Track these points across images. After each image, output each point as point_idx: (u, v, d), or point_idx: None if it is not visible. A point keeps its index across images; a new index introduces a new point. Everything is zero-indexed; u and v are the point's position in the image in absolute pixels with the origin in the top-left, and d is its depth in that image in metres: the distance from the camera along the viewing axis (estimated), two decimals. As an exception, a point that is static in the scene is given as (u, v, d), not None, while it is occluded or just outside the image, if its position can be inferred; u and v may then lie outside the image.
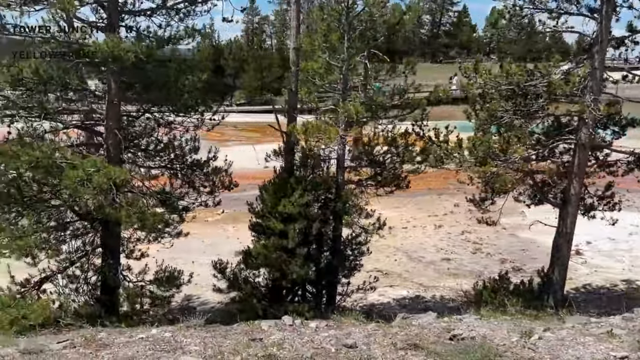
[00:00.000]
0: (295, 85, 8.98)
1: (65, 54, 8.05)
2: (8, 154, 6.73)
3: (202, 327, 7.14)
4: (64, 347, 6.18)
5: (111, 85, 7.99)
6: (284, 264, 8.36)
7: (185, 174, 8.75)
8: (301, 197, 8.30)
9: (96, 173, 7.03)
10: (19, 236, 7.06)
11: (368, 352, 5.88)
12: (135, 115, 8.59)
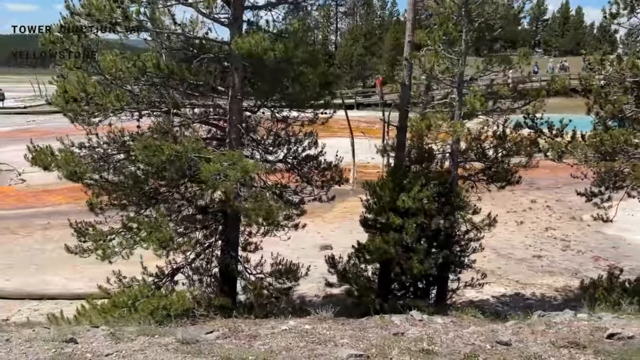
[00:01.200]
0: (409, 79, 8.90)
1: (187, 49, 8.19)
2: (152, 147, 6.86)
3: (333, 320, 7.18)
4: (217, 338, 6.28)
5: (235, 80, 8.06)
6: (402, 259, 8.33)
7: (300, 168, 8.78)
8: (420, 192, 8.24)
9: (231, 167, 7.11)
10: (156, 228, 7.20)
11: (526, 349, 5.78)
12: (252, 110, 8.65)
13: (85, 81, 6.87)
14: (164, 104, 7.90)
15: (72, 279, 12.08)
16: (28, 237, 14.70)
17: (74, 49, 7.58)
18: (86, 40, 7.56)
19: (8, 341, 5.44)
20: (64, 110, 7.23)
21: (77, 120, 7.32)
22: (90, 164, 7.70)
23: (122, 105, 7.27)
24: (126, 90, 7.38)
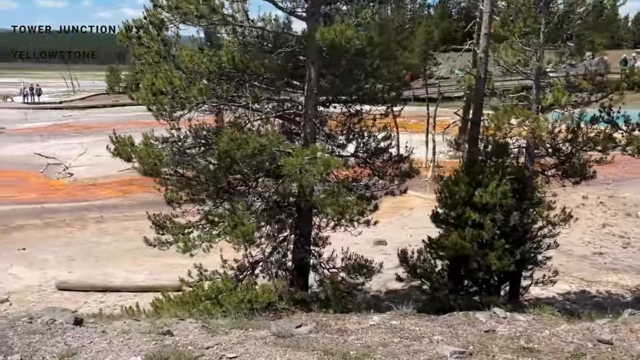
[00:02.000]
0: (484, 72, 8.74)
1: (262, 43, 8.17)
2: (238, 140, 6.85)
3: (416, 316, 7.11)
4: (309, 332, 6.25)
5: (311, 74, 8.00)
6: (479, 256, 8.20)
7: (372, 162, 8.71)
8: (497, 187, 8.10)
9: (313, 161, 7.06)
10: (240, 222, 7.20)
11: (631, 348, 5.64)
12: (325, 104, 8.60)
13: (172, 74, 6.88)
14: (243, 99, 7.90)
15: (133, 272, 12.23)
16: (84, 230, 14.91)
17: (153, 44, 7.62)
18: (166, 34, 7.60)
19: (104, 332, 5.48)
20: (148, 103, 7.25)
21: (159, 114, 7.34)
22: (170, 157, 7.72)
23: (203, 99, 7.27)
24: (206, 84, 7.38)
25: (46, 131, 31.40)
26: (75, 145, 27.28)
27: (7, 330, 5.33)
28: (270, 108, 8.07)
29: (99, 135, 30.19)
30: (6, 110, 41.22)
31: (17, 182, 19.89)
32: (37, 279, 11.70)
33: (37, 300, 10.73)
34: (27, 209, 16.69)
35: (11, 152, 25.34)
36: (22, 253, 13.10)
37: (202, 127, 7.90)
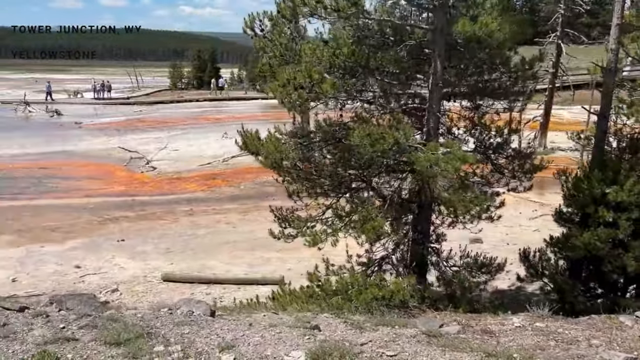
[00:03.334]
0: (614, 64, 8.33)
1: (383, 36, 8.03)
2: (374, 135, 6.75)
3: (553, 317, 6.85)
4: (458, 332, 6.10)
5: (437, 67, 7.81)
6: (612, 256, 7.83)
7: (495, 158, 8.45)
8: (635, 185, 7.69)
9: (447, 156, 6.89)
10: (370, 217, 7.12)
11: None
12: (447, 97, 8.39)
13: (310, 68, 6.85)
14: (365, 93, 7.81)
15: (232, 264, 12.39)
16: (175, 223, 15.23)
17: (281, 38, 7.63)
18: (296, 27, 7.60)
19: (251, 325, 5.47)
20: (282, 96, 7.24)
21: (293, 108, 7.33)
22: (296, 152, 7.72)
23: (334, 93, 7.22)
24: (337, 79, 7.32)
25: (121, 126, 32.40)
26: (151, 139, 28.01)
27: (153, 321, 5.39)
28: (395, 102, 7.95)
29: (173, 130, 31.03)
30: (77, 105, 42.78)
31: (104, 176, 20.57)
32: (140, 269, 12.01)
33: (145, 290, 11.00)
34: (118, 201, 17.21)
35: (92, 146, 26.28)
36: (121, 244, 13.49)
37: (328, 122, 7.85)
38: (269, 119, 37.57)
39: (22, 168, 21.50)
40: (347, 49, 7.62)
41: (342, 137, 7.72)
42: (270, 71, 7.89)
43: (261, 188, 19.00)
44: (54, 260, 12.40)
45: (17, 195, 17.62)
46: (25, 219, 15.22)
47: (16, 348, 4.52)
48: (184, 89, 62.05)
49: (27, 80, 74.20)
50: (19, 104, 39.79)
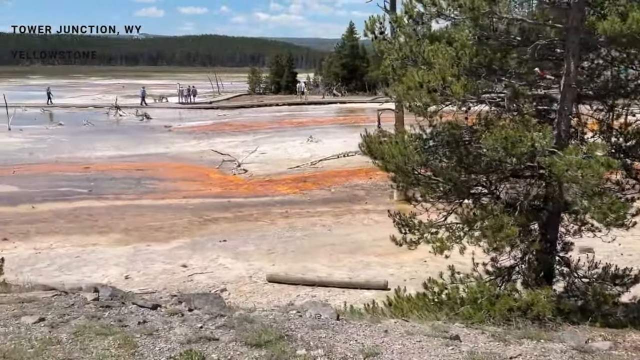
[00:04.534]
0: None
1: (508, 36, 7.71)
2: (512, 138, 6.47)
3: None
4: (610, 348, 5.72)
5: (570, 67, 7.41)
6: None
7: (631, 163, 7.92)
8: None
9: (586, 161, 6.49)
10: (501, 225, 6.84)
11: None
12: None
13: (444, 69, 6.68)
14: (494, 94, 7.53)
15: (333, 267, 12.37)
16: (273, 224, 15.42)
17: (408, 39, 7.49)
18: (422, 28, 7.45)
19: (387, 333, 5.33)
20: (410, 100, 7.09)
21: (420, 112, 7.17)
22: (419, 155, 7.55)
23: (465, 94, 7.00)
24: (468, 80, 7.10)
25: (209, 129, 33.40)
26: (238, 143, 28.68)
27: (286, 323, 5.36)
28: (527, 104, 7.61)
29: (258, 134, 31.66)
30: (164, 110, 44.50)
31: (198, 177, 21.21)
32: (245, 270, 12.21)
33: (251, 291, 11.16)
34: (215, 202, 17.66)
35: (183, 149, 27.23)
36: (223, 245, 13.79)
37: (454, 124, 7.63)
38: (349, 122, 37.71)
39: (120, 169, 22.55)
40: (470, 49, 7.39)
41: (468, 140, 7.49)
42: (393, 74, 7.77)
43: (352, 191, 18.98)
44: (161, 259, 12.83)
45: (119, 195, 18.47)
46: (129, 219, 15.90)
47: (162, 346, 4.62)
48: (262, 93, 63.40)
49: (115, 85, 78.24)
50: (110, 108, 41.92)
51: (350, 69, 64.66)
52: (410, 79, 6.97)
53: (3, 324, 4.96)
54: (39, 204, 17.23)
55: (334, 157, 23.97)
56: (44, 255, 12.98)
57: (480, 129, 7.30)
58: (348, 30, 67.34)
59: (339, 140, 28.54)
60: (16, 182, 20.16)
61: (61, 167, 23.01)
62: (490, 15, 6.93)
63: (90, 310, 5.50)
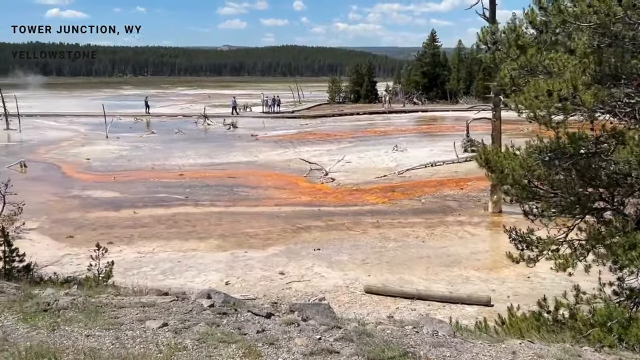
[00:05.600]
0: None
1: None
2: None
3: None
4: None
5: None
6: None
7: None
8: None
9: None
10: (635, 244, 6.39)
11: None
12: None
13: (576, 77, 6.37)
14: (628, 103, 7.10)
15: (431, 281, 12.10)
16: (365, 234, 15.34)
17: (524, 50, 7.22)
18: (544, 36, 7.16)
19: (515, 354, 5.05)
20: (535, 110, 6.80)
21: (546, 122, 6.86)
22: (540, 169, 7.22)
23: (594, 104, 6.63)
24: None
25: (294, 138, 33.93)
26: (323, 151, 28.91)
27: (404, 339, 5.19)
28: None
29: (342, 143, 31.79)
30: (248, 119, 45.65)
31: (288, 186, 21.53)
32: (341, 279, 12.19)
33: (349, 301, 11.10)
34: (306, 210, 17.82)
35: (271, 157, 27.77)
36: (318, 253, 13.85)
37: (579, 136, 7.25)
38: (433, 131, 37.12)
39: (213, 177, 23.29)
40: (594, 57, 7.01)
41: (592, 152, 7.09)
42: (512, 84, 7.50)
43: (443, 202, 18.59)
44: (258, 265, 13.06)
45: (214, 202, 19.05)
46: (225, 225, 16.34)
47: (285, 356, 4.60)
48: (342, 102, 63.76)
49: (201, 95, 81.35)
50: (199, 117, 43.52)
51: (431, 77, 63.89)
52: (536, 87, 6.69)
53: (129, 327, 5.15)
54: (140, 209, 18.08)
55: (421, 166, 23.63)
56: (148, 259, 13.55)
57: (609, 141, 6.89)
58: (429, 38, 66.61)
59: (425, 150, 28.16)
60: (117, 188, 21.27)
61: (157, 174, 24.08)
62: (621, 21, 6.56)
63: (208, 317, 5.62)
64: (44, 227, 16.27)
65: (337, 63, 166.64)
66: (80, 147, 31.44)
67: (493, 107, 16.51)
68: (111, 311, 5.65)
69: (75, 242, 14.76)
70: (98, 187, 21.49)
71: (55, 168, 25.62)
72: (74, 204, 18.99)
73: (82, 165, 26.11)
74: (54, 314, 5.46)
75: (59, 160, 27.39)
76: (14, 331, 4.94)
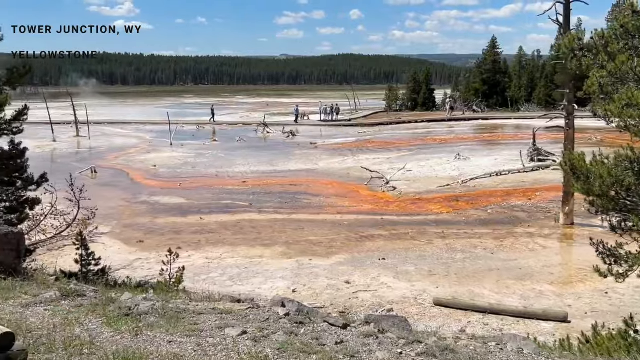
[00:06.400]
0: None
1: None
2: None
3: None
4: None
5: None
6: None
7: None
8: None
9: None
10: None
11: None
12: None
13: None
14: None
15: (502, 295, 11.71)
16: (430, 244, 15.06)
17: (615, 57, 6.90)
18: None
19: None
20: (628, 119, 6.49)
21: (632, 130, 6.54)
22: (629, 178, 6.87)
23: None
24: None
25: (353, 146, 33.90)
26: (382, 160, 28.72)
27: (488, 356, 5.00)
28: None
29: (401, 151, 31.49)
30: (307, 127, 45.95)
31: (349, 194, 21.47)
32: (408, 290, 11.98)
33: (418, 313, 10.89)
34: (369, 219, 17.70)
35: (330, 165, 27.81)
36: (383, 263, 13.70)
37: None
38: (495, 139, 36.23)
39: (275, 184, 23.52)
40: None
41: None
42: (600, 92, 7.19)
43: (511, 213, 18.05)
44: (324, 274, 13.03)
45: (277, 209, 19.20)
46: (290, 232, 16.43)
47: None
48: (399, 110, 63.36)
49: (260, 104, 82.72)
50: (258, 125, 44.18)
51: (491, 85, 62.62)
52: (628, 96, 6.38)
53: (210, 334, 5.19)
54: (206, 216, 18.44)
55: (486, 175, 23.06)
56: (216, 265, 13.77)
57: None
58: (490, 45, 65.36)
59: (488, 159, 27.51)
60: (183, 195, 21.80)
61: (221, 180, 24.55)
62: None
63: (285, 326, 5.60)
64: (115, 231, 16.85)
65: (393, 71, 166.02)
66: (147, 154, 32.48)
67: (566, 115, 15.91)
68: (190, 317, 5.73)
69: (145, 247, 15.19)
70: (165, 193, 22.09)
71: (124, 174, 26.55)
72: (142, 209, 19.59)
73: (149, 172, 26.95)
74: (136, 318, 5.59)
75: (126, 167, 28.38)
76: (99, 335, 5.07)
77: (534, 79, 62.66)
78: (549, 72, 57.67)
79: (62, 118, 47.32)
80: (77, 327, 5.21)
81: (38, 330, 5.00)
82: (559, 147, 26.58)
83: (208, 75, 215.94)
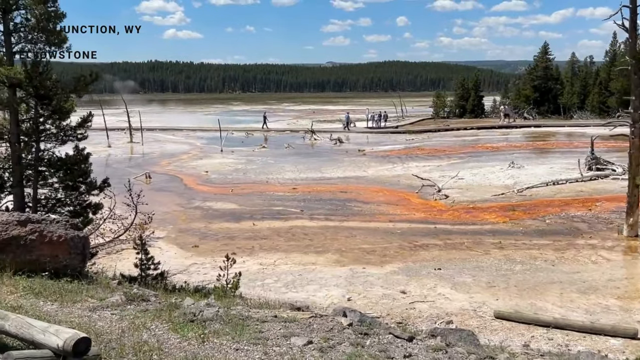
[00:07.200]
0: None
1: None
2: None
3: None
4: None
5: None
6: None
7: None
8: None
9: None
10: None
11: None
12: None
13: None
14: None
15: (566, 308, 11.25)
16: (487, 255, 14.66)
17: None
18: None
19: None
20: None
21: None
22: None
23: None
24: None
25: (401, 153, 33.61)
26: (432, 167, 28.33)
27: None
28: None
29: (451, 158, 31.00)
30: (354, 134, 45.96)
31: (400, 202, 21.21)
32: (467, 302, 11.66)
33: (479, 326, 10.55)
34: (422, 228, 17.41)
35: (380, 173, 27.61)
36: (438, 273, 13.40)
37: None
38: (549, 147, 35.24)
39: (325, 191, 23.49)
40: None
41: None
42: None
43: (570, 223, 17.42)
44: (379, 282, 12.85)
45: (329, 216, 19.14)
46: (341, 240, 16.32)
47: None
48: (446, 117, 62.58)
49: (306, 111, 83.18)
50: (305, 132, 44.42)
51: (543, 91, 61.11)
52: None
53: (276, 343, 5.13)
54: (258, 222, 18.54)
55: (543, 184, 22.38)
56: (270, 271, 13.78)
57: None
58: (541, 51, 63.85)
59: (543, 167, 26.77)
60: (235, 200, 22.02)
61: (272, 187, 24.70)
62: None
63: (350, 337, 5.50)
64: (171, 236, 17.14)
65: (440, 78, 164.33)
66: (198, 160, 33.07)
67: (632, 123, 15.24)
68: (255, 325, 5.70)
69: (200, 252, 15.38)
70: (218, 198, 22.38)
71: (177, 180, 27.08)
72: (197, 215, 19.88)
73: (201, 178, 27.40)
74: (201, 325, 5.60)
75: (179, 172, 28.95)
76: (167, 340, 5.08)
77: (586, 86, 60.79)
78: (603, 79, 55.87)
79: (115, 124, 48.81)
80: (144, 333, 5.25)
81: (107, 335, 5.06)
82: (617, 155, 25.65)
83: (255, 82, 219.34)
